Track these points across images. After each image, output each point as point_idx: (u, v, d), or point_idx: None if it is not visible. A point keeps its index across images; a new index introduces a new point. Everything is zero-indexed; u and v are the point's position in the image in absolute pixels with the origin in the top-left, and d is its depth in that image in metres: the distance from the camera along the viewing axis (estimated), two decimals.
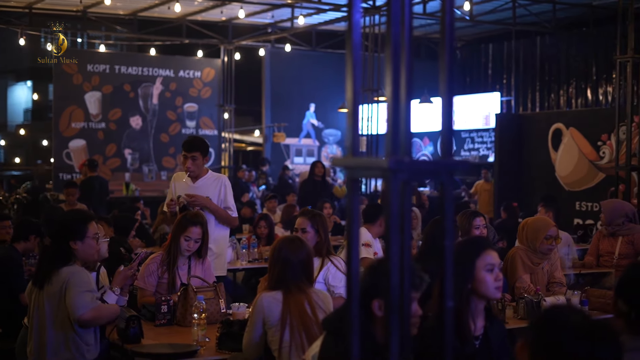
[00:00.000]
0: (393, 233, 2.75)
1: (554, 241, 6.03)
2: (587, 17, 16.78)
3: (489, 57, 20.40)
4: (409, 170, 2.72)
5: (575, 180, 13.51)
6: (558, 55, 18.60)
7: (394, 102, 2.78)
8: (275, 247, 4.51)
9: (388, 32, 2.84)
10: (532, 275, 6.08)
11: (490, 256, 3.75)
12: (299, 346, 4.19)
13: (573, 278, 7.09)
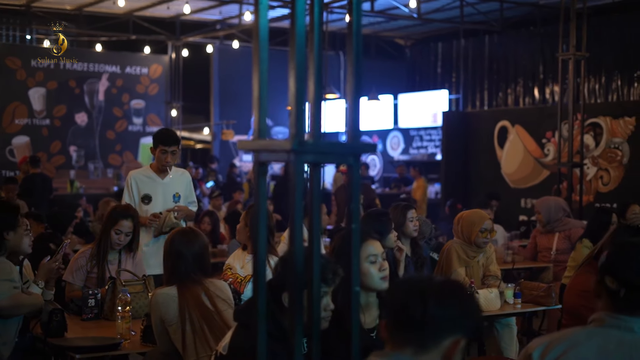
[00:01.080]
0: (296, 219, 2.69)
1: (488, 234, 6.03)
2: (534, 16, 16.92)
3: (438, 56, 20.48)
4: (314, 152, 2.67)
5: (521, 178, 13.61)
6: (506, 54, 18.73)
7: (298, 83, 2.72)
8: (167, 240, 4.37)
9: (292, 21, 2.78)
10: (468, 269, 6.07)
11: (372, 247, 3.67)
12: (202, 339, 4.06)
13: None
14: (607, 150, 12.31)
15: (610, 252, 2.59)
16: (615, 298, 2.51)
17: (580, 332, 2.56)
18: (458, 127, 14.80)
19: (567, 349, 2.49)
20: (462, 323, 2.12)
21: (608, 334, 2.49)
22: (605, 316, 2.52)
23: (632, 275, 2.48)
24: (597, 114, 12.54)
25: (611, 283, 2.51)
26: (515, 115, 14.31)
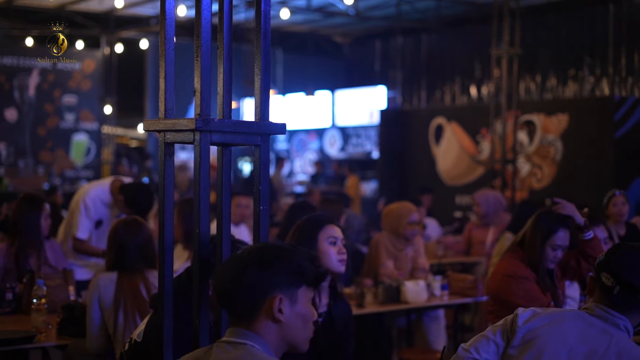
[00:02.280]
0: (202, 201, 2.58)
1: (416, 226, 6.00)
2: (471, 14, 17.04)
3: (376, 54, 20.51)
4: (220, 131, 2.57)
5: (456, 175, 13.67)
6: (443, 52, 18.83)
7: (204, 60, 2.61)
8: (112, 229, 4.40)
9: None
10: (396, 262, 6.03)
11: (333, 229, 3.72)
12: (133, 328, 4.05)
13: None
14: (540, 147, 12.42)
15: (609, 252, 2.76)
16: (609, 294, 2.67)
17: (569, 312, 2.76)
18: (395, 124, 14.82)
19: (551, 321, 2.69)
20: (279, 280, 2.19)
21: (593, 322, 2.66)
22: (596, 307, 2.70)
23: (629, 275, 2.63)
24: (531, 111, 12.65)
25: (607, 280, 2.67)
26: (451, 112, 14.39)
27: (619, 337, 2.63)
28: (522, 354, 2.64)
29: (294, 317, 2.21)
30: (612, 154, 11.45)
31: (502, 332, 2.74)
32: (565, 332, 2.64)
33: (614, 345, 2.60)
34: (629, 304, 2.65)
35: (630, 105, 11.65)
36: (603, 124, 11.64)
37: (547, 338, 2.63)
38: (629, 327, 2.67)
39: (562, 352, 2.60)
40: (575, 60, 16.39)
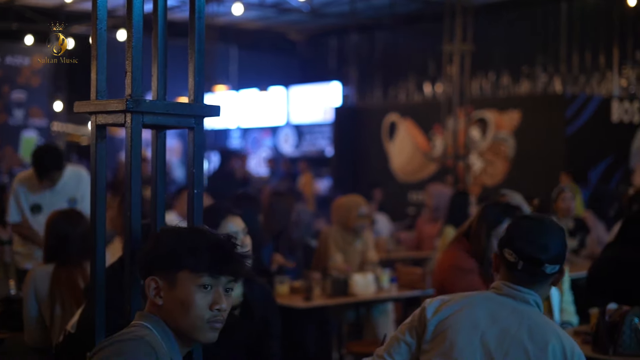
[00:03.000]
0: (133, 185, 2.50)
1: (365, 220, 5.98)
2: (425, 12, 17.08)
3: (331, 51, 20.50)
4: (152, 112, 2.50)
5: (409, 171, 13.71)
6: (397, 50, 18.87)
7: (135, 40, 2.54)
8: (50, 221, 4.29)
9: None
10: (345, 255, 6.00)
11: (232, 223, 3.63)
12: (69, 321, 3.95)
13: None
14: (493, 144, 12.50)
15: (510, 227, 2.72)
16: (513, 270, 2.62)
17: (477, 295, 2.70)
18: (348, 121, 14.82)
19: (461, 308, 2.60)
20: (158, 261, 2.10)
21: (503, 301, 2.61)
22: (503, 286, 2.64)
23: (530, 249, 2.59)
24: (483, 108, 12.72)
25: (510, 255, 2.62)
26: (405, 109, 14.42)
27: (529, 313, 2.59)
28: (436, 347, 2.58)
29: (172, 302, 2.07)
30: (564, 150, 11.56)
31: (411, 329, 2.66)
32: (475, 317, 2.58)
33: (525, 322, 2.55)
34: (534, 278, 2.61)
35: (581, 103, 11.77)
36: (554, 121, 11.75)
37: (458, 326, 2.56)
38: (539, 300, 2.64)
39: (474, 338, 2.54)
40: (528, 58, 16.52)
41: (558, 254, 2.63)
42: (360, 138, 14.66)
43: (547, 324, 2.58)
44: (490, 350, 2.52)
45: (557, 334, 2.55)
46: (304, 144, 18.48)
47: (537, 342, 2.51)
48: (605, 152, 11.97)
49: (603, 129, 11.92)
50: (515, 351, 2.50)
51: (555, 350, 2.50)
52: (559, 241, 2.64)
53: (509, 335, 2.53)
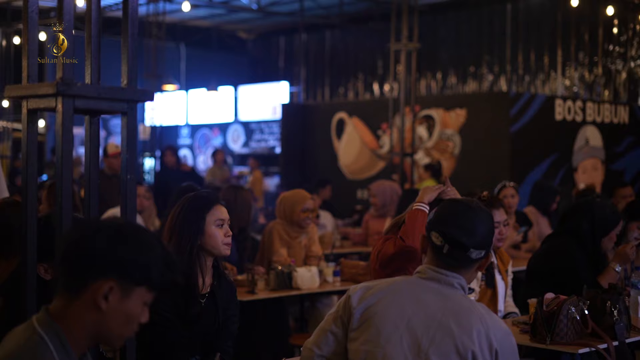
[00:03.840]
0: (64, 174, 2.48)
1: (310, 214, 5.99)
2: (373, 11, 17.18)
3: (280, 50, 20.51)
4: (83, 95, 2.48)
5: (357, 169, 13.76)
6: (346, 49, 18.95)
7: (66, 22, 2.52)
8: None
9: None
10: (290, 249, 6.01)
11: (220, 211, 3.70)
12: None
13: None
14: (439, 142, 12.60)
15: (438, 210, 2.70)
16: (439, 253, 2.61)
17: (402, 281, 2.67)
18: (297, 119, 14.82)
19: (386, 294, 2.58)
20: (123, 265, 1.95)
21: (428, 286, 2.60)
22: (428, 269, 2.63)
23: (457, 233, 2.58)
24: (430, 107, 12.83)
25: (436, 239, 2.61)
26: (352, 107, 14.47)
27: (454, 296, 2.58)
28: (363, 334, 2.56)
29: (117, 311, 1.96)
30: (508, 148, 11.70)
31: (336, 319, 2.65)
32: (401, 303, 2.56)
33: (450, 306, 2.54)
34: (459, 262, 2.60)
35: (525, 101, 11.93)
36: (499, 119, 11.89)
37: (385, 313, 2.55)
38: (463, 284, 2.62)
39: (401, 324, 2.53)
40: (474, 58, 16.72)
41: (484, 239, 2.61)
42: (308, 136, 14.69)
43: (472, 307, 2.56)
44: (417, 335, 2.51)
45: (482, 317, 2.53)
46: (253, 142, 18.46)
47: (462, 325, 2.50)
48: (549, 150, 12.16)
49: (547, 128, 12.10)
50: (442, 335, 2.49)
51: (481, 333, 2.49)
52: (486, 227, 2.63)
53: (435, 319, 2.52)
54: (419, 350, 2.49)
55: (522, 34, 16.13)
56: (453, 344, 2.47)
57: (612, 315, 4.16)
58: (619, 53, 15.10)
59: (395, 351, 2.50)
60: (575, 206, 5.23)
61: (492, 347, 2.49)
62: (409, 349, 2.50)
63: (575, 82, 15.55)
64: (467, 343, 2.46)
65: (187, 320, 3.63)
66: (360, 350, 2.55)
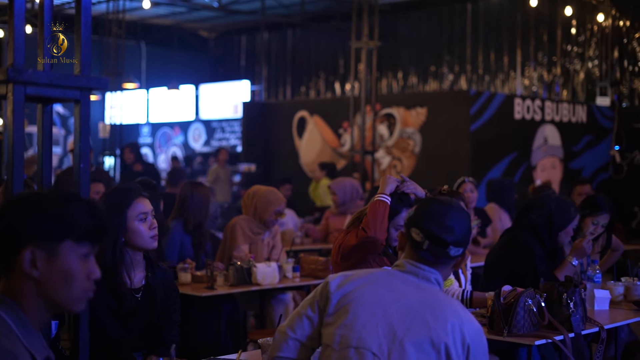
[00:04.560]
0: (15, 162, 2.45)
1: (279, 216, 5.99)
2: (334, 10, 17.21)
3: (242, 49, 20.46)
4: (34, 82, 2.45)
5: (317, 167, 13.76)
6: (308, 48, 18.96)
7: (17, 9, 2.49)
8: None
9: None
10: (252, 246, 5.98)
11: (142, 204, 3.65)
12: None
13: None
14: (400, 140, 12.65)
15: (419, 207, 2.75)
16: (419, 249, 2.66)
17: (380, 272, 2.72)
18: (258, 117, 14.80)
19: (364, 283, 2.63)
20: (34, 230, 1.92)
21: (406, 278, 2.65)
22: (407, 263, 2.68)
23: (438, 230, 2.63)
24: (391, 105, 12.87)
25: (417, 235, 2.65)
26: (314, 105, 14.48)
27: (431, 290, 2.63)
28: (338, 320, 2.59)
29: (51, 274, 1.92)
30: (468, 147, 11.78)
31: (313, 304, 2.68)
32: (378, 291, 2.60)
33: (427, 299, 2.59)
34: (438, 258, 2.66)
35: (485, 100, 12.01)
36: (459, 118, 11.96)
37: (362, 301, 2.59)
38: (440, 279, 2.68)
39: (377, 312, 2.56)
40: (435, 58, 16.82)
41: (463, 237, 2.68)
42: (270, 135, 14.67)
43: (448, 301, 2.62)
44: (393, 324, 2.54)
45: (457, 312, 2.58)
46: (215, 140, 18.39)
47: (437, 318, 2.54)
48: (509, 149, 12.27)
49: (506, 126, 12.20)
50: (417, 326, 2.53)
51: (455, 327, 2.53)
52: (465, 225, 2.70)
53: (412, 311, 2.56)
54: (394, 337, 2.53)
55: (482, 33, 16.26)
56: (428, 335, 2.52)
57: (568, 308, 4.21)
58: (577, 53, 15.28)
59: (370, 337, 2.53)
60: (532, 201, 5.29)
61: (465, 342, 2.53)
62: (384, 336, 2.53)
63: (534, 81, 15.71)
64: (442, 335, 2.51)
65: (122, 317, 3.60)
66: (334, 334, 2.58)
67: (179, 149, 19.03)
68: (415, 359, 2.50)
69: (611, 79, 14.74)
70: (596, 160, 13.77)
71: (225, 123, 18.26)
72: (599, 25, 14.89)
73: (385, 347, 2.52)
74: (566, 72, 15.38)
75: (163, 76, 18.69)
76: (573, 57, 15.32)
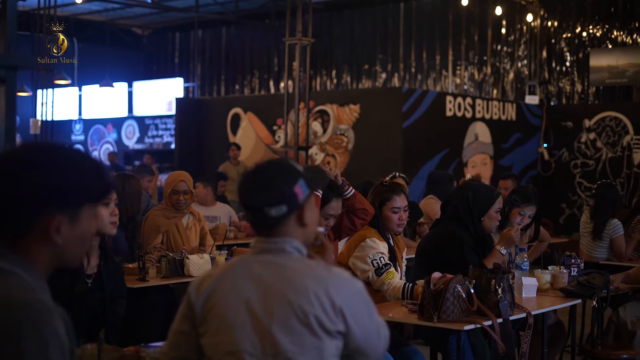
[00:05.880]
0: None
1: (182, 195, 5.95)
2: (269, 8, 17.21)
3: (176, 46, 20.32)
4: None
5: (253, 163, 13.75)
6: (242, 46, 18.92)
7: None
8: None
9: None
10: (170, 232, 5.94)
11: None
12: None
13: None
14: (333, 137, 12.72)
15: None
16: (252, 224, 2.49)
17: (236, 263, 2.49)
18: (192, 114, 14.73)
19: (221, 282, 2.43)
20: (60, 196, 1.81)
21: (261, 259, 2.43)
22: (257, 242, 2.47)
23: (248, 197, 2.44)
24: (324, 102, 12.93)
25: (245, 210, 2.50)
26: (248, 102, 14.47)
27: (287, 261, 2.41)
28: (209, 327, 2.42)
29: (72, 238, 1.85)
30: (401, 143, 11.91)
31: (183, 318, 2.49)
32: (237, 286, 2.40)
33: (283, 273, 2.39)
34: (269, 224, 2.42)
35: (417, 97, 12.16)
36: (392, 115, 12.08)
37: (223, 302, 2.40)
38: (297, 245, 2.45)
39: (241, 308, 2.38)
40: (368, 56, 16.95)
41: (278, 193, 2.40)
42: (204, 132, 14.61)
43: (307, 269, 2.40)
44: (257, 314, 2.36)
45: (320, 277, 2.37)
46: (148, 138, 18.23)
47: (297, 290, 2.34)
48: (441, 145, 12.43)
49: (438, 123, 12.37)
50: (280, 307, 2.34)
51: (319, 294, 2.33)
52: (278, 181, 2.42)
53: (271, 293, 2.36)
54: (261, 329, 2.35)
55: (414, 33, 16.44)
56: (293, 313, 2.32)
57: (496, 294, 4.30)
58: (507, 53, 15.56)
59: (241, 337, 2.36)
60: (454, 191, 5.40)
61: (336, 306, 2.33)
62: (253, 331, 2.36)
63: (466, 80, 15.95)
64: (306, 307, 2.32)
65: (72, 298, 3.59)
66: (210, 343, 2.42)
67: (111, 147, 18.81)
68: (289, 344, 2.33)
69: (540, 78, 15.06)
70: (525, 157, 14.06)
71: (159, 120, 18.11)
72: (528, 25, 15.19)
73: (258, 341, 2.35)
74: (496, 71, 15.66)
75: (96, 73, 18.44)
76: (503, 56, 15.60)
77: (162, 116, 18.04)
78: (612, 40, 14.27)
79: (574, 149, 14.05)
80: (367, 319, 2.42)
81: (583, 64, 14.53)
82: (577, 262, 5.45)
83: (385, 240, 4.91)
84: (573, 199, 14.00)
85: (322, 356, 2.35)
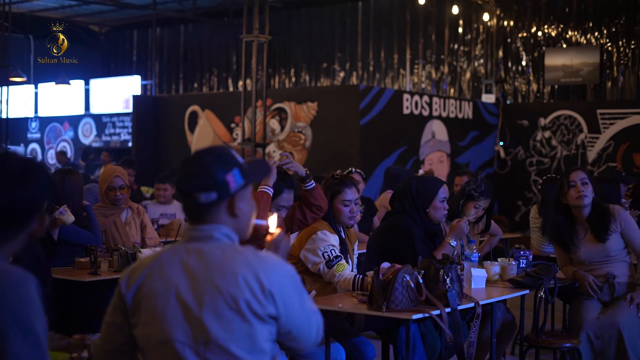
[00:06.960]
0: None
1: (118, 191, 5.94)
2: (227, 6, 17.18)
3: (134, 44, 20.20)
4: None
5: None
6: (200, 44, 18.87)
7: None
8: None
9: None
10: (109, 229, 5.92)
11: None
12: None
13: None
14: (291, 134, 12.75)
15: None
16: (185, 211, 2.47)
17: (165, 252, 2.45)
18: (149, 112, 14.66)
19: (150, 272, 2.40)
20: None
21: (190, 248, 2.40)
22: (187, 230, 2.45)
23: (181, 182, 2.43)
24: (282, 100, 12.95)
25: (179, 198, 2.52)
26: (205, 100, 14.44)
27: (215, 248, 2.38)
28: (141, 320, 2.40)
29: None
30: (358, 140, 11.97)
31: (115, 310, 2.46)
32: (166, 276, 2.37)
33: (212, 260, 2.36)
34: (199, 210, 2.40)
35: (374, 95, 12.22)
36: (349, 112, 12.14)
37: (152, 292, 2.37)
38: (226, 231, 2.42)
39: (171, 298, 2.35)
40: (326, 55, 17.00)
41: (209, 180, 2.38)
42: (161, 129, 14.55)
43: (235, 254, 2.38)
44: (187, 303, 2.34)
45: (248, 261, 2.35)
46: (106, 135, 18.09)
47: (226, 276, 2.32)
48: (398, 143, 12.51)
49: (395, 121, 12.45)
50: (209, 294, 2.32)
51: (248, 278, 2.31)
52: (211, 168, 2.38)
53: (200, 281, 2.34)
54: (192, 317, 2.33)
55: (372, 31, 16.52)
56: (222, 299, 2.31)
57: (444, 284, 4.35)
58: (463, 52, 15.70)
59: (172, 327, 2.34)
60: (399, 185, 5.47)
61: (265, 289, 2.32)
62: (184, 320, 2.34)
63: (423, 79, 16.07)
64: (235, 293, 2.31)
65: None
66: (142, 334, 2.40)
67: (68, 145, 18.63)
68: (219, 330, 2.32)
69: (496, 77, 15.22)
70: (482, 155, 14.21)
71: (116, 118, 17.98)
72: (484, 24, 15.35)
73: (189, 330, 2.33)
74: (453, 70, 15.79)
75: (52, 70, 18.26)
76: (460, 55, 15.74)
77: (120, 114, 17.90)
78: (567, 40, 14.48)
79: (530, 147, 14.23)
80: (298, 302, 2.40)
81: (538, 63, 14.72)
82: (525, 254, 5.52)
83: (337, 233, 4.95)
84: (529, 197, 14.18)
85: (254, 341, 2.34)
